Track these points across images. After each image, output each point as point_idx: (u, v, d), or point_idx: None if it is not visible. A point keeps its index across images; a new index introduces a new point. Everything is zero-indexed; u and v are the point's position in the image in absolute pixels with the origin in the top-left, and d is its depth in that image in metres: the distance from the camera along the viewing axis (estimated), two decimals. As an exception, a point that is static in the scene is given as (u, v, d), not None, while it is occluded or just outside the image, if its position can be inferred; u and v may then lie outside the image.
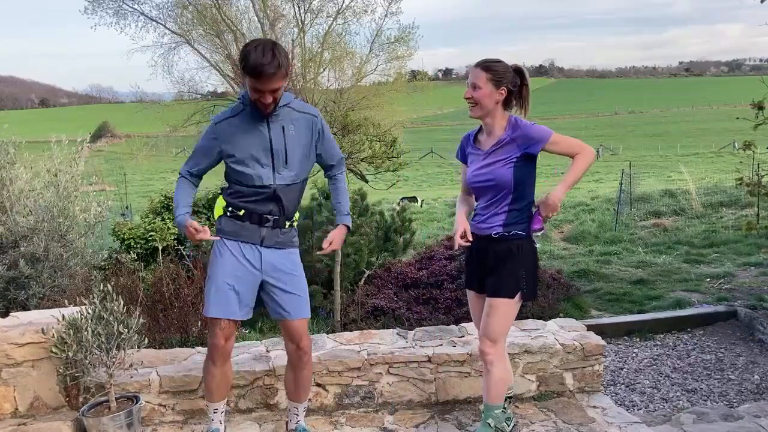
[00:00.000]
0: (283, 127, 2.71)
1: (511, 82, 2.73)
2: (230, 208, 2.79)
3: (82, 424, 3.06)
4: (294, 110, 2.76)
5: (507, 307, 2.77)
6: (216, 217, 2.88)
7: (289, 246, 2.88)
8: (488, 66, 2.70)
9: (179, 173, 2.88)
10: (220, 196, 2.87)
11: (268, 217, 2.77)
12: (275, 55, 2.50)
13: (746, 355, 5.98)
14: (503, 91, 2.71)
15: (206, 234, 2.69)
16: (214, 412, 2.99)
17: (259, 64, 2.47)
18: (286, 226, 2.83)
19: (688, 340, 6.50)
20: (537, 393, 3.59)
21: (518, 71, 2.76)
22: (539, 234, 2.84)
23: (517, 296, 2.77)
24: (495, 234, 2.77)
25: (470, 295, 3.04)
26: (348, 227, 3.06)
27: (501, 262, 2.77)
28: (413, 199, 20.86)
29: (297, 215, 2.91)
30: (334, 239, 2.97)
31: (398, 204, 20.69)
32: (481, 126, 2.88)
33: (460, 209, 2.94)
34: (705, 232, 12.08)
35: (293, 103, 2.77)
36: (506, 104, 2.79)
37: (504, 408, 2.90)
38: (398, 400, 3.51)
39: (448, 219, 16.90)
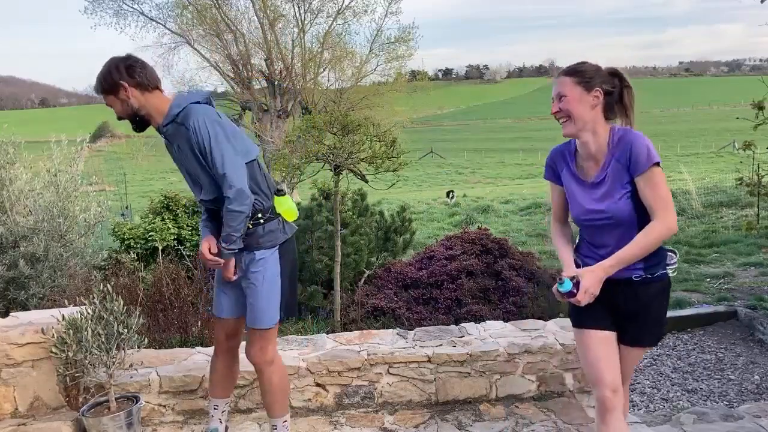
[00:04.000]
0: (178, 147, 2.59)
1: (607, 83, 2.22)
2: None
3: (82, 424, 3.06)
4: (179, 124, 2.53)
5: (639, 357, 2.43)
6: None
7: (255, 248, 2.67)
8: (572, 70, 2.22)
9: None
10: None
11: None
12: (99, 77, 2.57)
13: (746, 355, 5.98)
14: (598, 93, 2.19)
15: (211, 258, 2.69)
16: (215, 408, 2.96)
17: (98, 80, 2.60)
18: (249, 227, 2.64)
19: (688, 340, 6.50)
20: (537, 393, 3.59)
21: (613, 73, 2.26)
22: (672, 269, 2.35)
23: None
24: (636, 278, 2.25)
25: (595, 336, 2.32)
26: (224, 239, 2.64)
27: (644, 308, 2.28)
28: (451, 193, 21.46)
29: (266, 213, 2.68)
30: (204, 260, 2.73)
31: (448, 196, 21.06)
32: (575, 146, 2.31)
33: (564, 248, 2.41)
34: (705, 232, 12.08)
35: (180, 115, 2.52)
36: (606, 114, 2.25)
37: None
38: (398, 400, 3.51)
39: (448, 219, 16.91)
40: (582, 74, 2.19)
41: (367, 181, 7.08)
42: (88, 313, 3.03)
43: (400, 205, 10.28)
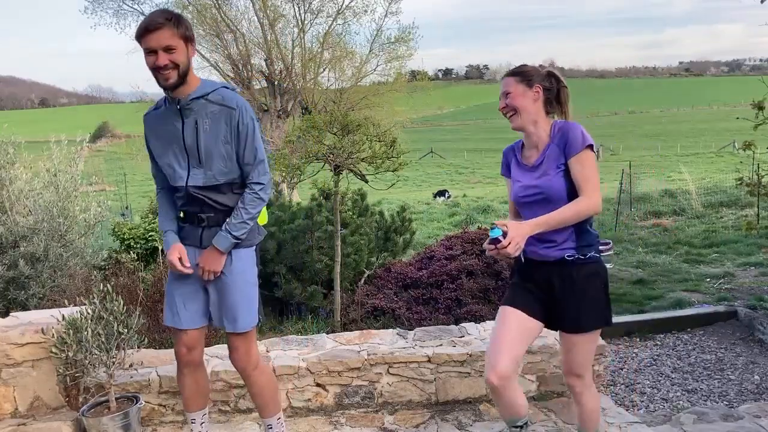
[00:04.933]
0: (196, 122, 2.45)
1: (546, 81, 2.46)
2: (179, 212, 2.65)
3: (82, 424, 3.06)
4: (211, 102, 2.45)
5: (590, 342, 2.49)
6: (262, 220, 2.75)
7: (238, 246, 2.58)
8: (515, 71, 2.48)
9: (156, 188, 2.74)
10: None
11: (202, 216, 2.56)
12: (166, 11, 2.39)
13: (746, 355, 5.98)
14: (538, 89, 2.43)
15: (185, 269, 2.55)
16: (192, 422, 2.84)
17: (145, 21, 2.34)
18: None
19: (688, 340, 6.50)
20: (537, 393, 3.59)
21: (551, 74, 2.50)
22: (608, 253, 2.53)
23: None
24: (569, 257, 2.40)
25: (513, 313, 2.47)
26: (219, 250, 2.53)
27: (580, 291, 2.40)
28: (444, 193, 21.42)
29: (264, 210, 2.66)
30: (203, 264, 2.55)
31: (435, 197, 21.08)
32: (522, 142, 2.56)
33: None
34: (705, 232, 12.08)
35: (213, 94, 2.47)
36: (546, 108, 2.49)
37: None
38: (398, 400, 3.51)
39: (448, 219, 16.91)
40: (523, 74, 2.45)
41: (367, 181, 7.08)
42: (88, 313, 3.03)
43: (400, 205, 10.28)
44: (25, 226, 5.87)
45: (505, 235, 2.22)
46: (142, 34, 2.32)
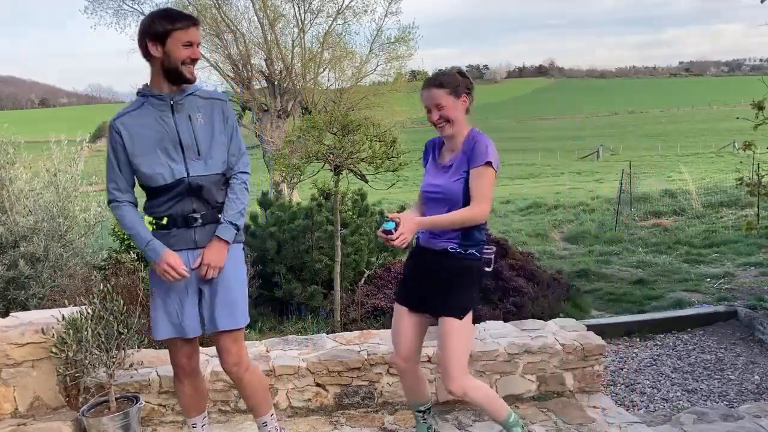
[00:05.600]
0: (189, 116, 2.49)
1: (468, 87, 2.63)
2: (154, 221, 2.53)
3: (82, 424, 3.06)
4: (199, 98, 2.54)
5: (459, 331, 2.57)
6: None
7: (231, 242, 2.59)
8: (440, 82, 2.60)
9: (109, 202, 2.56)
10: (144, 216, 2.59)
11: (194, 216, 2.51)
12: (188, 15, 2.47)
13: (746, 355, 5.98)
14: (465, 99, 2.62)
15: (185, 273, 2.47)
16: (193, 426, 2.82)
17: (184, 15, 2.43)
18: (220, 221, 2.55)
19: (688, 340, 6.50)
20: (537, 393, 3.59)
21: (462, 73, 2.65)
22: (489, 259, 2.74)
23: (466, 317, 2.60)
24: (452, 249, 2.61)
25: (400, 310, 2.78)
26: (225, 240, 2.53)
27: (451, 280, 2.61)
28: None
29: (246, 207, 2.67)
30: (209, 260, 2.49)
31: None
32: (442, 140, 2.76)
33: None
34: (705, 232, 12.08)
35: (200, 91, 2.57)
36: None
37: (516, 420, 2.71)
38: (398, 400, 3.51)
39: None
40: (450, 84, 2.59)
41: (367, 181, 7.08)
42: (88, 313, 3.03)
43: (401, 205, 10.27)
44: (25, 226, 5.87)
45: (396, 227, 2.45)
46: (187, 27, 2.40)
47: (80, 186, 6.48)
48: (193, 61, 2.47)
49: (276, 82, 22.63)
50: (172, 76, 2.45)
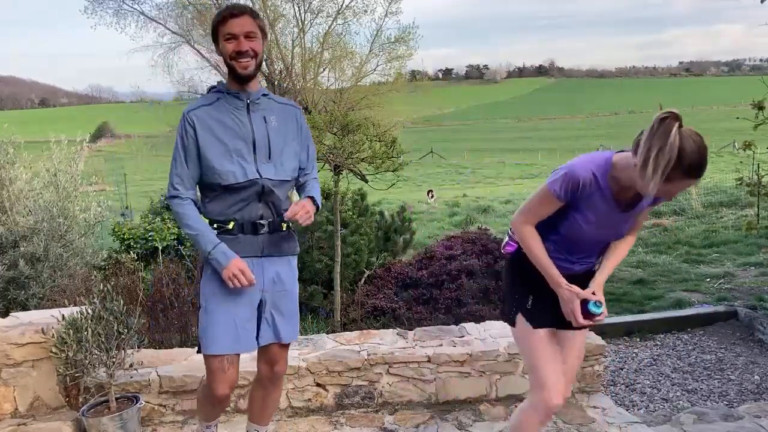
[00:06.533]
0: (264, 117, 2.40)
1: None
2: (216, 224, 2.37)
3: (82, 424, 3.06)
4: (274, 101, 2.48)
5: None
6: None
7: (289, 252, 2.51)
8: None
9: (171, 197, 2.39)
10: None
11: (262, 222, 2.39)
12: (243, 4, 2.43)
13: (746, 355, 5.98)
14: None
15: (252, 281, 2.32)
16: (207, 428, 2.72)
17: (226, 8, 2.33)
18: (284, 229, 2.46)
19: (688, 340, 6.50)
20: (537, 393, 3.59)
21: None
22: None
23: None
24: (595, 268, 2.45)
25: (543, 337, 2.41)
26: (315, 202, 2.48)
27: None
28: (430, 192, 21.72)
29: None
30: (298, 211, 2.34)
31: (429, 195, 21.39)
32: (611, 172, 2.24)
33: (552, 265, 2.34)
34: (705, 232, 12.08)
35: (272, 95, 2.52)
36: None
37: None
38: (398, 400, 3.51)
39: (448, 219, 16.91)
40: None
41: (367, 181, 7.09)
42: (88, 313, 3.03)
43: (400, 205, 10.28)
44: (25, 226, 5.87)
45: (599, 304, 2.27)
46: (224, 19, 2.30)
47: (80, 186, 6.48)
48: (240, 53, 2.29)
49: (276, 82, 22.62)
50: (231, 73, 2.36)
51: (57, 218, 6.04)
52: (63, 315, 3.08)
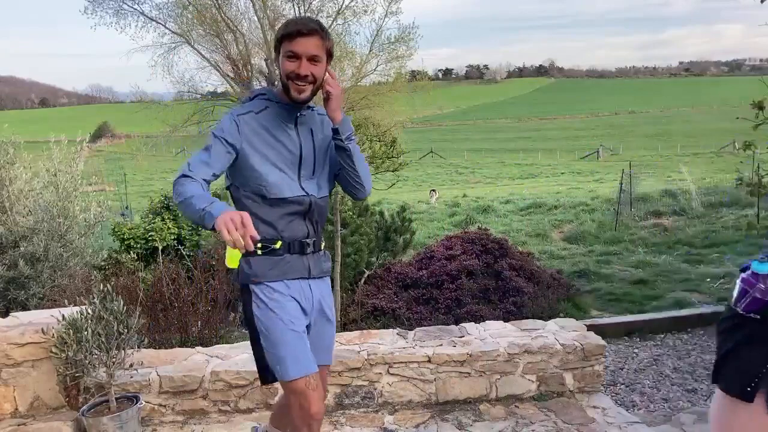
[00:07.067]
0: (311, 131, 2.27)
1: None
2: (260, 244, 2.14)
3: (82, 424, 3.06)
4: (317, 113, 2.33)
5: None
6: (233, 263, 2.20)
7: (329, 273, 2.39)
8: None
9: (181, 176, 2.04)
10: None
11: (308, 241, 2.24)
12: (315, 20, 2.18)
13: (746, 355, 5.98)
14: None
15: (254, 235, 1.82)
16: None
17: (296, 23, 2.12)
18: (322, 248, 2.34)
19: (688, 340, 6.50)
20: (537, 393, 3.59)
21: None
22: None
23: None
24: None
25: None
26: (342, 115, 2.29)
27: None
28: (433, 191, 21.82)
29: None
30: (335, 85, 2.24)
31: (430, 194, 21.46)
32: None
33: None
34: (705, 232, 12.08)
35: (317, 107, 2.35)
36: None
37: None
38: (398, 400, 3.51)
39: (448, 219, 16.92)
40: None
41: (367, 181, 7.09)
42: (88, 313, 3.03)
43: (400, 205, 10.28)
44: (25, 226, 5.87)
45: None
46: (291, 36, 2.11)
47: (80, 186, 6.48)
48: (299, 77, 2.11)
49: (276, 82, 22.65)
50: (285, 90, 2.18)
51: (57, 218, 6.04)
52: (63, 315, 3.08)
